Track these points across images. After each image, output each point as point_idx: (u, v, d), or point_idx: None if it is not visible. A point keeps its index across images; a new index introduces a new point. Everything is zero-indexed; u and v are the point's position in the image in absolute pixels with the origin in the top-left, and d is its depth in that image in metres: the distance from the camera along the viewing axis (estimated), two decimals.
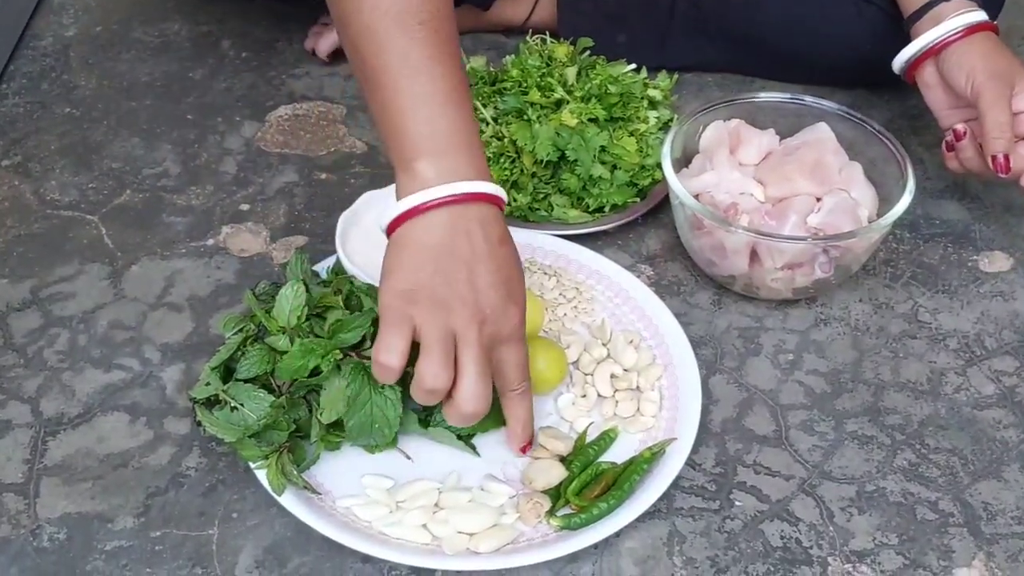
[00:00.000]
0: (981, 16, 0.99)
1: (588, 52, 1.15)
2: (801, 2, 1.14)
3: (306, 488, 0.78)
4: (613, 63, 1.13)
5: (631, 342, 0.90)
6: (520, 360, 0.77)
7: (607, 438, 0.84)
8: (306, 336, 0.81)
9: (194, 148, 1.13)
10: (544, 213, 1.02)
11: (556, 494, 0.80)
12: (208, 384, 0.81)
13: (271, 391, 0.80)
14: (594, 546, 0.78)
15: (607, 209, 1.02)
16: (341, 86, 1.22)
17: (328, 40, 1.22)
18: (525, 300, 0.77)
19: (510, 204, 1.01)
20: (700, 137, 1.01)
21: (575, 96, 1.07)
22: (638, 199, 1.04)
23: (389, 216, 0.75)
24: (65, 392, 0.89)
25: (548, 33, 1.17)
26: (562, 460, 0.82)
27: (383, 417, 0.78)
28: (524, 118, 1.05)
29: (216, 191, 1.08)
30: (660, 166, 0.97)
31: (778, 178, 0.96)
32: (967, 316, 0.97)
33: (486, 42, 1.28)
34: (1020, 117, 0.96)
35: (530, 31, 1.19)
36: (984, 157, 0.97)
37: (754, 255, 0.92)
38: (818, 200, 0.95)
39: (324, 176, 1.10)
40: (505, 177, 1.02)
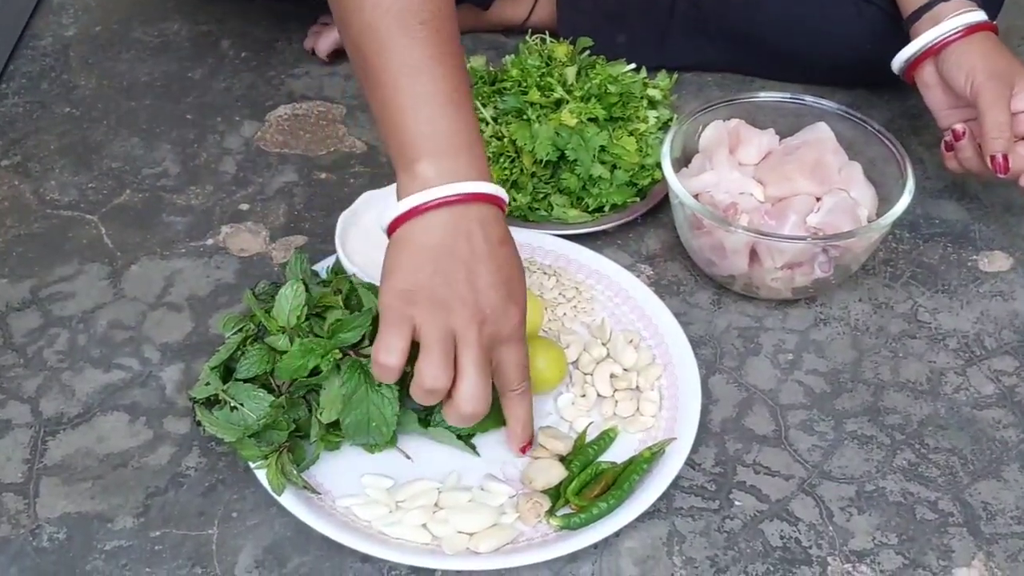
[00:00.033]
0: (980, 16, 0.99)
1: (588, 52, 1.15)
2: (801, 2, 1.14)
3: (306, 488, 0.78)
4: (613, 63, 1.13)
5: (631, 342, 0.90)
6: (520, 360, 0.76)
7: (607, 438, 0.84)
8: (306, 336, 0.81)
9: (194, 148, 1.13)
10: (544, 213, 1.02)
11: (556, 494, 0.80)
12: (208, 384, 0.81)
13: (271, 391, 0.80)
14: (594, 546, 0.78)
15: (607, 209, 1.02)
16: (341, 86, 1.22)
17: (328, 40, 1.22)
18: (525, 300, 0.77)
19: (510, 204, 1.00)
20: (700, 137, 1.01)
21: (575, 96, 1.07)
22: (638, 199, 1.04)
23: (389, 216, 0.75)
24: (65, 392, 0.89)
25: (548, 33, 1.17)
26: (562, 460, 0.82)
27: (380, 415, 0.78)
28: (524, 118, 1.05)
29: (216, 191, 1.08)
30: (660, 166, 0.97)
31: (778, 178, 0.96)
32: (967, 316, 0.97)
33: (486, 42, 1.28)
34: (1019, 117, 0.96)
35: (530, 31, 1.19)
36: (983, 157, 0.97)
37: (754, 255, 0.92)
38: (818, 200, 0.95)
39: (324, 176, 1.10)
40: (505, 177, 1.02)
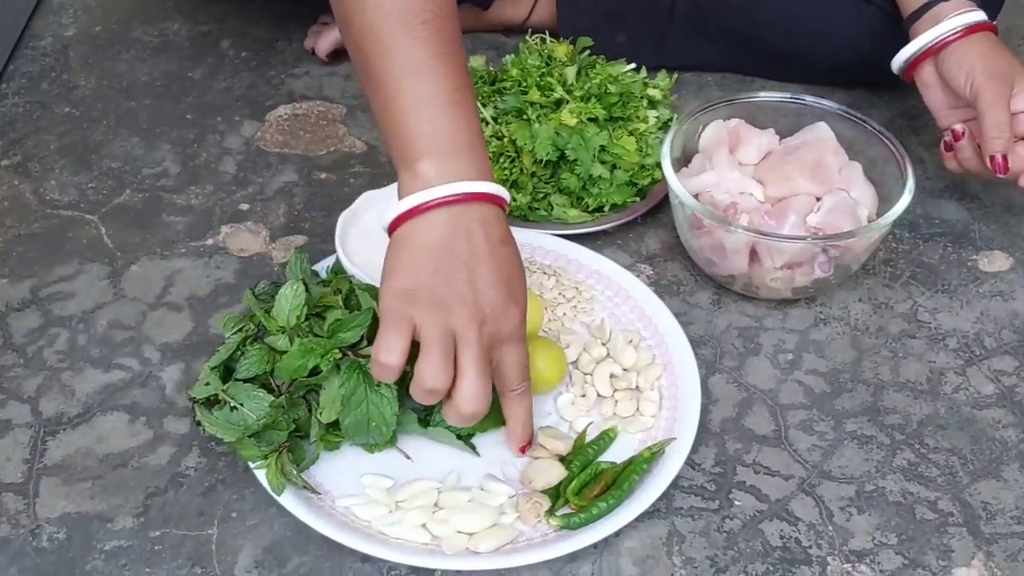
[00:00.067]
0: (980, 16, 0.99)
1: (588, 51, 1.15)
2: (801, 2, 1.14)
3: (305, 488, 0.78)
4: (613, 62, 1.13)
5: (630, 342, 0.90)
6: (520, 360, 0.76)
7: (606, 438, 0.83)
8: (305, 336, 0.81)
9: (193, 148, 1.13)
10: (544, 213, 1.02)
11: (555, 494, 0.80)
12: (208, 384, 0.81)
13: (270, 391, 0.80)
14: (593, 546, 0.78)
15: (607, 209, 1.02)
16: (341, 86, 1.22)
17: (328, 39, 1.22)
18: (526, 300, 0.77)
19: (510, 204, 1.00)
20: (700, 137, 1.01)
21: (575, 96, 1.07)
22: (638, 199, 1.04)
23: (390, 215, 0.75)
24: (65, 392, 0.89)
25: (548, 32, 1.17)
26: (561, 460, 0.82)
27: (379, 415, 0.78)
28: (524, 118, 1.05)
29: (216, 191, 1.08)
30: (660, 166, 0.97)
31: (778, 178, 0.96)
32: (966, 316, 0.97)
33: (486, 42, 1.28)
34: (1019, 117, 0.96)
35: (530, 30, 1.19)
36: (982, 157, 0.97)
37: (754, 255, 0.92)
38: (818, 200, 0.95)
39: (324, 176, 1.10)
40: (505, 177, 1.02)
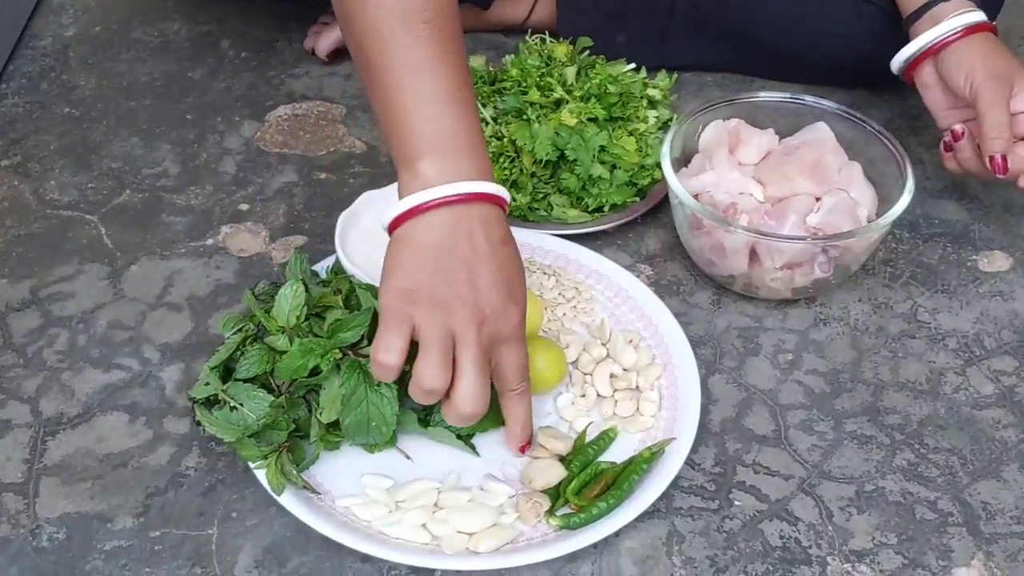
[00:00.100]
0: (980, 16, 0.99)
1: (587, 52, 1.15)
2: (801, 2, 1.14)
3: (305, 488, 0.78)
4: (612, 62, 1.13)
5: (630, 342, 0.90)
6: (519, 360, 0.76)
7: (606, 438, 0.83)
8: (305, 336, 0.81)
9: (193, 148, 1.13)
10: (543, 213, 1.02)
11: (555, 494, 0.80)
12: (207, 384, 0.81)
13: (270, 391, 0.80)
14: (593, 546, 0.78)
15: (606, 209, 1.02)
16: (340, 86, 1.22)
17: (328, 39, 1.22)
18: (525, 301, 0.77)
19: (510, 204, 1.00)
20: (699, 137, 1.01)
21: (574, 96, 1.07)
22: (637, 199, 1.04)
23: (391, 215, 0.75)
24: (64, 392, 0.89)
25: (547, 32, 1.17)
26: (561, 460, 0.82)
27: (379, 415, 0.78)
28: (524, 118, 1.05)
29: (215, 191, 1.08)
30: (659, 166, 0.97)
31: (777, 178, 0.96)
32: (966, 316, 0.97)
33: (485, 42, 1.28)
34: (1018, 117, 0.96)
35: (529, 30, 1.19)
36: (982, 157, 0.97)
37: (753, 255, 0.92)
38: (817, 200, 0.95)
39: (323, 176, 1.10)
40: (504, 177, 1.02)
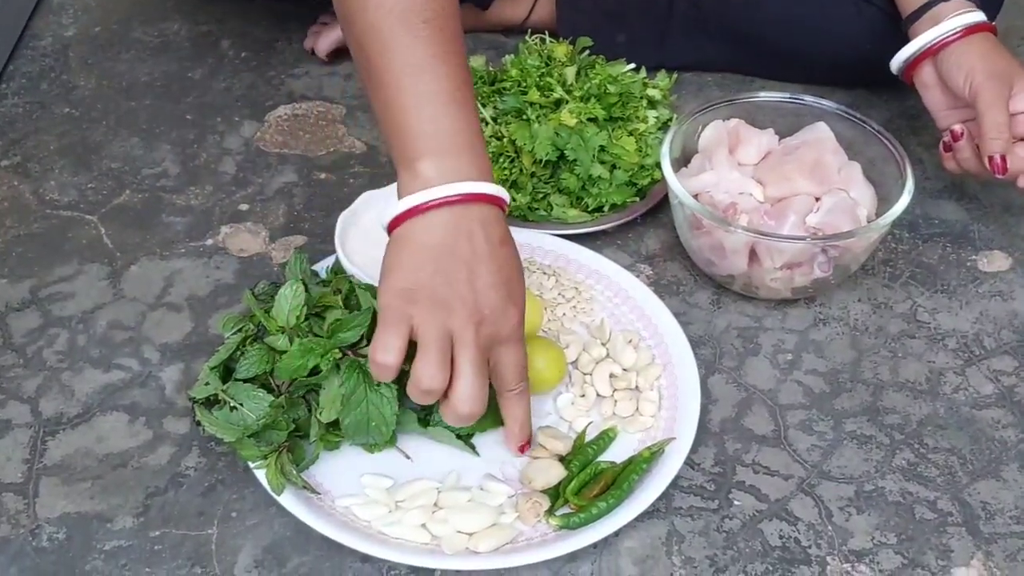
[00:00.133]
0: (979, 16, 0.99)
1: (587, 51, 1.15)
2: (801, 1, 1.14)
3: (305, 488, 0.78)
4: (612, 62, 1.13)
5: (630, 342, 0.90)
6: (518, 361, 0.76)
7: (606, 438, 0.84)
8: (305, 336, 0.81)
9: (193, 148, 1.13)
10: (543, 213, 1.02)
11: (555, 493, 0.80)
12: (207, 384, 0.81)
13: (270, 391, 0.80)
14: (593, 545, 0.78)
15: (606, 209, 1.02)
16: (340, 86, 1.22)
17: (327, 39, 1.22)
18: (524, 301, 0.77)
19: (510, 204, 1.00)
20: (699, 137, 1.01)
21: (574, 96, 1.07)
22: (637, 199, 1.04)
23: (390, 214, 0.75)
24: (64, 392, 0.89)
25: (547, 32, 1.17)
26: (561, 460, 0.82)
27: (379, 415, 0.78)
28: (523, 118, 1.05)
29: (215, 191, 1.08)
30: (659, 166, 0.97)
31: (777, 178, 0.97)
32: (966, 316, 0.97)
33: (485, 42, 1.28)
34: (1018, 118, 0.96)
35: (529, 31, 1.19)
36: (981, 158, 0.97)
37: (753, 255, 0.93)
38: (817, 200, 0.95)
39: (323, 176, 1.10)
40: (504, 177, 1.02)
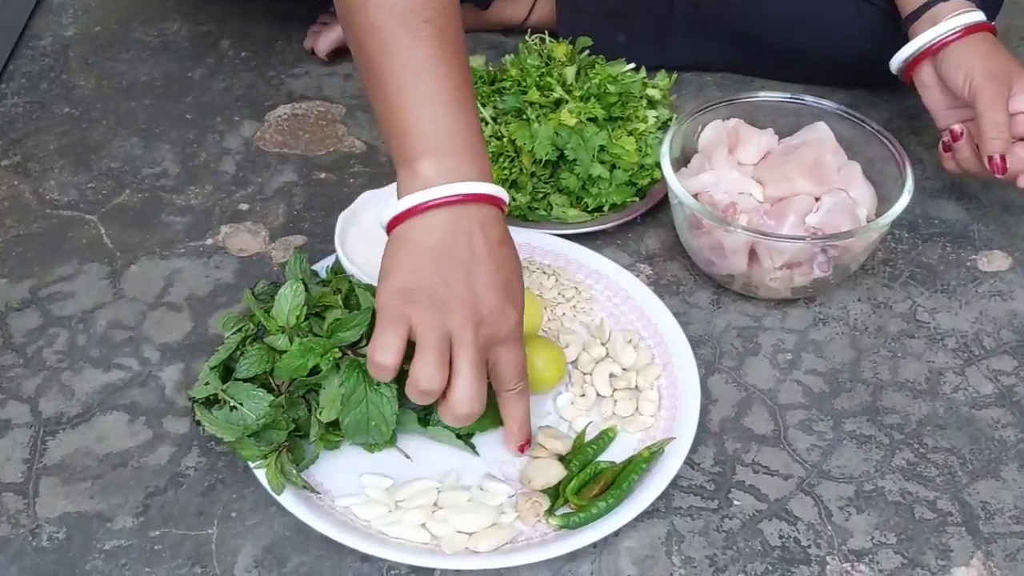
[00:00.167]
0: (979, 16, 0.99)
1: (587, 51, 1.15)
2: (801, 1, 1.14)
3: (305, 487, 0.78)
4: (612, 62, 1.13)
5: (630, 341, 0.90)
6: (516, 361, 0.76)
7: (606, 437, 0.84)
8: (305, 335, 0.81)
9: (193, 148, 1.13)
10: (543, 212, 1.02)
11: (555, 493, 0.80)
12: (207, 384, 0.81)
13: (270, 390, 0.80)
14: (593, 545, 0.78)
15: (606, 208, 1.03)
16: (340, 85, 1.22)
17: (327, 39, 1.22)
18: (523, 302, 0.77)
19: (509, 204, 1.01)
20: (699, 136, 1.01)
21: (574, 95, 1.07)
22: (637, 198, 1.04)
23: (389, 214, 0.75)
24: (64, 392, 0.89)
25: (547, 32, 1.17)
26: (561, 459, 0.82)
27: (379, 415, 0.78)
28: (523, 117, 1.05)
29: (215, 191, 1.08)
30: (659, 165, 0.97)
31: (777, 177, 0.97)
32: (966, 316, 0.97)
33: (485, 41, 1.28)
34: (1017, 118, 0.95)
35: (529, 30, 1.19)
36: (981, 157, 0.97)
37: (753, 254, 0.93)
38: (817, 200, 0.95)
39: (323, 176, 1.10)
40: (504, 176, 1.02)
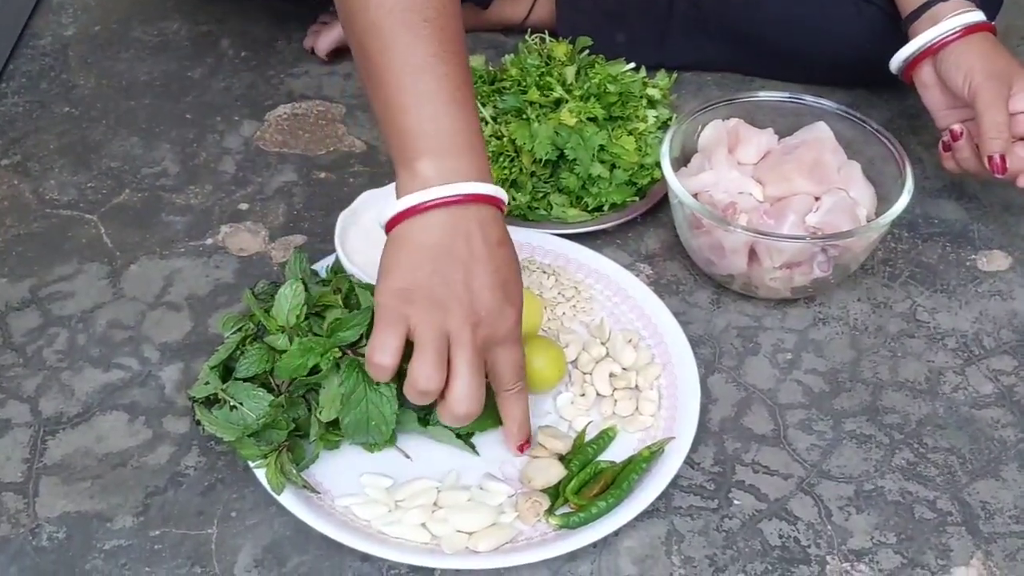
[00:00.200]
0: (979, 16, 0.99)
1: (587, 51, 1.15)
2: (801, 1, 1.14)
3: (305, 487, 0.78)
4: (612, 62, 1.13)
5: (630, 341, 0.90)
6: (515, 361, 0.76)
7: (606, 437, 0.84)
8: (305, 335, 0.81)
9: (193, 147, 1.13)
10: (543, 212, 1.02)
11: (555, 493, 0.80)
12: (207, 383, 0.81)
13: (270, 390, 0.80)
14: (593, 545, 0.78)
15: (606, 208, 1.03)
16: (340, 85, 1.22)
17: (327, 39, 1.22)
18: (522, 302, 0.77)
19: (509, 203, 1.01)
20: (699, 136, 1.01)
21: (574, 95, 1.07)
22: (637, 198, 1.04)
23: (388, 213, 0.75)
24: (64, 391, 0.89)
25: (547, 32, 1.17)
26: (561, 459, 0.82)
27: (379, 414, 0.78)
28: (523, 117, 1.05)
29: (215, 190, 1.08)
30: (659, 165, 0.97)
31: (777, 177, 0.97)
32: (965, 315, 0.97)
33: (485, 41, 1.28)
34: (1017, 117, 0.95)
35: (529, 30, 1.19)
36: (981, 157, 0.97)
37: (753, 254, 0.93)
38: (817, 199, 0.95)
39: (323, 175, 1.10)
40: (504, 176, 1.02)
